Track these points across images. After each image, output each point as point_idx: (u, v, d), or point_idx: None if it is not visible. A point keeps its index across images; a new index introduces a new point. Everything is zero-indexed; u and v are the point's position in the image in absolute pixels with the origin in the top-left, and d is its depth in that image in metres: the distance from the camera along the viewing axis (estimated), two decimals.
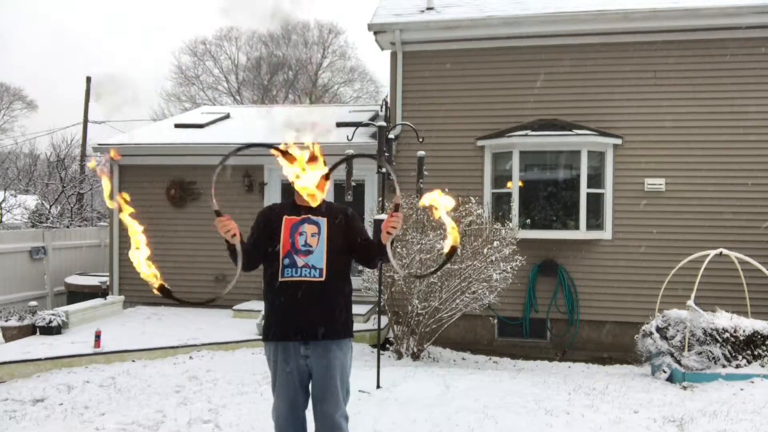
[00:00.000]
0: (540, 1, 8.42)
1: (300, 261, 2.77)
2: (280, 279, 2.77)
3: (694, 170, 7.97)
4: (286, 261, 2.78)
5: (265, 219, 2.92)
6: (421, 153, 6.04)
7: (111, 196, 2.47)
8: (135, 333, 7.46)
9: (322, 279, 2.76)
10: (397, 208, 2.61)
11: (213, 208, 2.56)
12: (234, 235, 2.60)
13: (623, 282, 8.04)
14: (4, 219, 16.01)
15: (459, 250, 6.64)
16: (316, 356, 2.77)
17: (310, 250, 2.80)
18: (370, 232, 6.30)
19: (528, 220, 8.16)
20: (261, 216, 2.96)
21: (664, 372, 5.94)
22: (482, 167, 8.47)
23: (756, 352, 5.83)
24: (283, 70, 32.80)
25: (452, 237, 2.57)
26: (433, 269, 6.29)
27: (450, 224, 2.55)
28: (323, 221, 2.85)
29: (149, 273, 2.45)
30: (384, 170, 5.74)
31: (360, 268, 2.70)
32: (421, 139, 6.47)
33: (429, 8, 8.68)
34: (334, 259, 2.81)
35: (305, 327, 2.75)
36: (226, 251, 2.70)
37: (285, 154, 2.60)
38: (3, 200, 16.21)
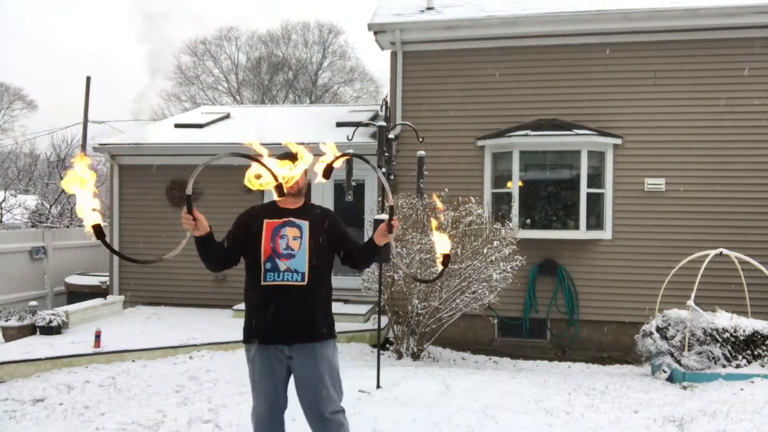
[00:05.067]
0: (540, 1, 8.42)
1: (282, 265, 2.75)
2: (261, 283, 2.75)
3: (694, 170, 7.97)
4: (268, 265, 2.75)
5: (242, 224, 2.88)
6: (421, 153, 6.04)
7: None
8: (135, 333, 7.46)
9: (304, 283, 2.74)
10: (391, 211, 2.59)
11: (187, 191, 2.42)
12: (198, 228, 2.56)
13: (623, 282, 8.04)
14: (4, 219, 16.01)
15: (459, 251, 6.65)
16: (299, 358, 2.76)
17: (292, 253, 2.77)
18: (370, 232, 6.31)
19: (528, 220, 8.16)
20: (238, 221, 2.92)
21: (664, 372, 5.94)
22: (482, 167, 8.47)
23: (756, 352, 5.83)
24: (283, 70, 32.81)
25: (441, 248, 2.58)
26: (434, 276, 6.32)
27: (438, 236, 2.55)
28: (305, 224, 2.82)
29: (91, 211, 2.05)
30: (383, 170, 5.74)
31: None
32: (421, 139, 6.47)
33: (429, 8, 8.68)
34: (317, 263, 2.79)
35: (287, 331, 2.74)
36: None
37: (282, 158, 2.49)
38: (3, 200, 16.20)
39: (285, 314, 2.72)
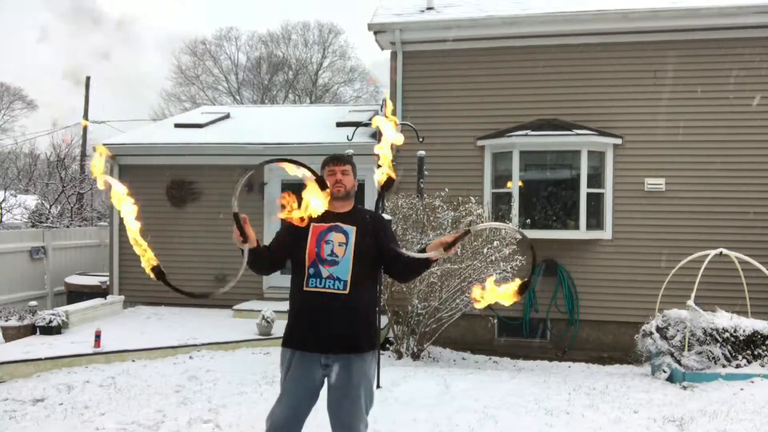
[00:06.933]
0: (540, 1, 8.42)
1: (325, 271, 2.68)
2: (304, 288, 2.69)
3: (694, 170, 7.97)
4: (311, 270, 2.69)
5: (289, 226, 2.72)
6: (421, 153, 6.05)
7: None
8: (135, 333, 7.46)
9: (346, 292, 2.66)
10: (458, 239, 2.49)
11: (233, 210, 2.34)
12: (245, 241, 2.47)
13: (623, 282, 8.04)
14: (4, 219, 16.01)
15: (459, 251, 6.65)
16: (336, 367, 2.68)
17: (336, 260, 2.68)
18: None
19: (528, 220, 8.16)
20: (285, 223, 2.80)
21: (664, 372, 5.94)
22: (482, 167, 8.47)
23: (756, 352, 5.83)
24: (283, 70, 32.81)
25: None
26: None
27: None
28: (352, 230, 2.72)
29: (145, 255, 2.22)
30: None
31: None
32: (421, 139, 6.47)
33: (429, 8, 8.68)
34: (361, 271, 2.70)
35: (326, 340, 2.66)
36: (233, 252, 2.63)
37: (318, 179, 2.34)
38: (3, 200, 16.20)
39: (324, 322, 2.65)
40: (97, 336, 6.58)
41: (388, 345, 7.45)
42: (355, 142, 8.06)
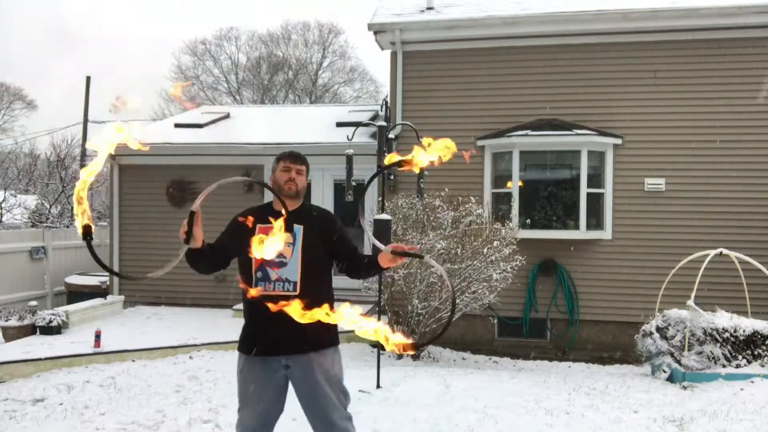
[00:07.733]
0: (540, 1, 8.42)
1: (273, 274, 2.62)
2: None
3: (694, 170, 7.97)
4: (259, 274, 2.62)
5: (233, 228, 2.69)
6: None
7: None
8: (135, 333, 7.46)
9: (297, 293, 2.58)
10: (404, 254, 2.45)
11: (193, 207, 2.28)
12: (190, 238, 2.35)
13: (623, 282, 8.04)
14: (4, 219, 16.01)
15: (459, 251, 6.65)
16: (297, 368, 2.64)
17: (284, 261, 2.61)
18: (370, 232, 6.29)
19: (528, 220, 8.16)
20: (230, 225, 2.73)
21: (664, 372, 5.94)
22: (482, 167, 8.47)
23: (756, 352, 5.83)
24: (283, 70, 32.81)
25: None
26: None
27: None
28: (300, 229, 2.65)
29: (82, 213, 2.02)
30: (384, 170, 5.74)
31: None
32: (421, 139, 6.48)
33: (429, 8, 8.68)
34: (311, 271, 2.64)
35: (282, 343, 2.59)
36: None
37: None
38: (3, 200, 16.20)
39: (278, 326, 2.49)
40: (97, 336, 6.58)
41: None
42: (355, 142, 8.06)
